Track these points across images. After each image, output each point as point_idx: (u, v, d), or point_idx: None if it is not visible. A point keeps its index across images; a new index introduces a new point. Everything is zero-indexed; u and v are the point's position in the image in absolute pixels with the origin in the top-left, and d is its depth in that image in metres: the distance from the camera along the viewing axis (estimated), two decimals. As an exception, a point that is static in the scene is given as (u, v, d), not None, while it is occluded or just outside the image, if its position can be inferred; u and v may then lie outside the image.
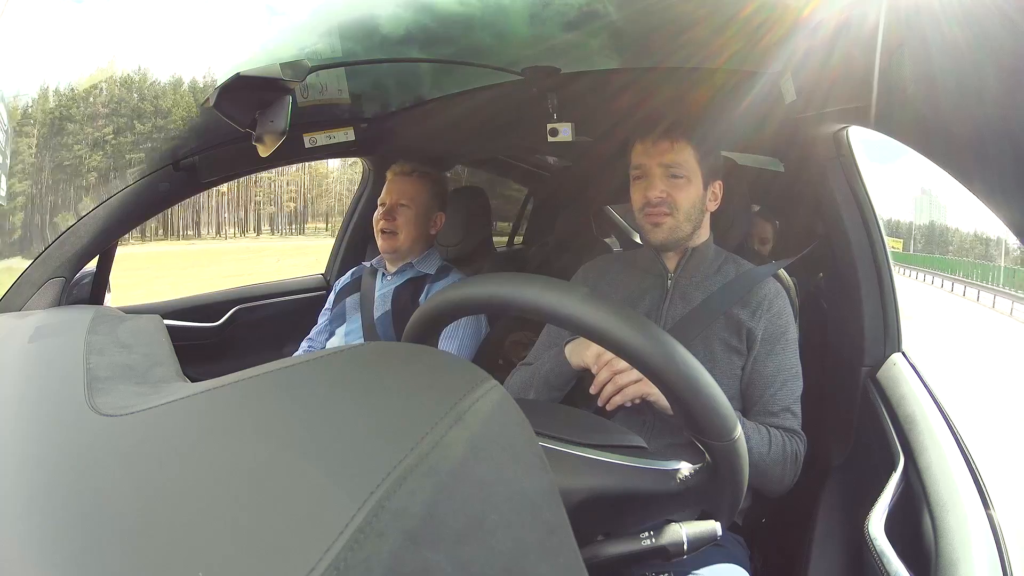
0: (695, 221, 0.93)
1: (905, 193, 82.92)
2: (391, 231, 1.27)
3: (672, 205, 0.91)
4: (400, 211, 1.27)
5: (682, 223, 0.92)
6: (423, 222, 1.30)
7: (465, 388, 0.31)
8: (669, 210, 0.91)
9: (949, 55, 0.46)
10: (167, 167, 1.08)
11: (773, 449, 0.81)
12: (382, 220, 1.27)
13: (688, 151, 0.91)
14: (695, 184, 0.91)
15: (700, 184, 0.92)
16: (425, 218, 1.30)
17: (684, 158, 0.91)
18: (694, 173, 0.91)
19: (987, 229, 47.63)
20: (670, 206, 0.91)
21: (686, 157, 0.91)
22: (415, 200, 1.28)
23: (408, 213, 1.27)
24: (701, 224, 0.94)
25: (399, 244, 1.28)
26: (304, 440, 0.31)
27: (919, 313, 16.40)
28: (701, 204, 0.93)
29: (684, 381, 0.47)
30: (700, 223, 0.94)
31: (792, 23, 0.76)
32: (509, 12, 1.06)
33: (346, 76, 1.21)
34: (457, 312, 0.56)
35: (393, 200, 1.28)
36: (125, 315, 0.83)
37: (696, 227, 0.93)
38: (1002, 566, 0.56)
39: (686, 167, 0.91)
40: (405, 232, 1.27)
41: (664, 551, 0.50)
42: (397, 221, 1.27)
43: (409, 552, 0.23)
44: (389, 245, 1.28)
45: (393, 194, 1.28)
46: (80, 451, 0.40)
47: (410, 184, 1.29)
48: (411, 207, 1.28)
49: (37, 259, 1.00)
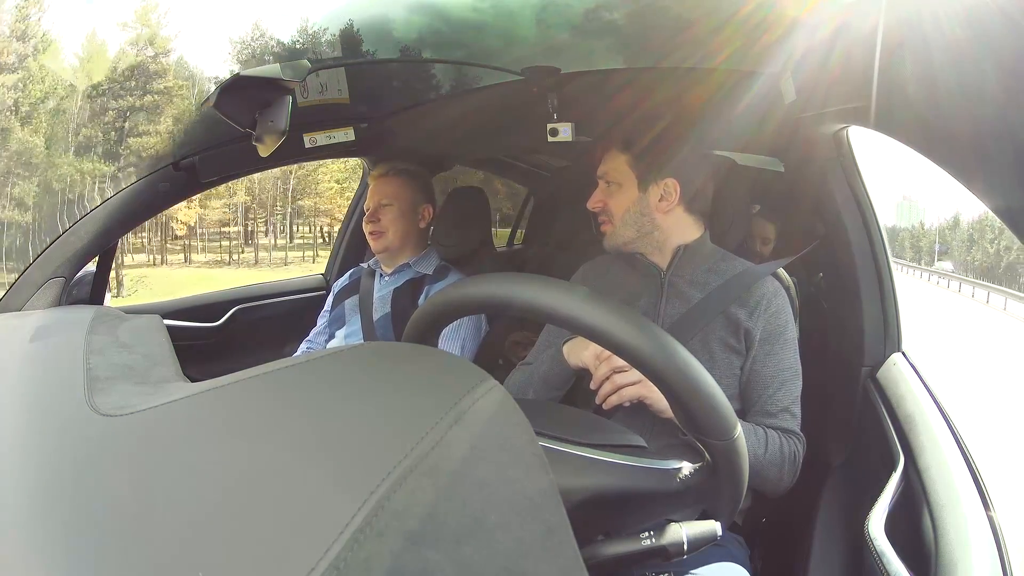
0: (637, 225, 0.93)
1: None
2: (378, 231, 1.29)
3: (608, 213, 0.95)
4: (383, 211, 1.29)
5: (619, 229, 0.94)
6: (409, 217, 1.31)
7: (465, 388, 0.31)
8: (607, 218, 0.95)
9: (949, 55, 0.46)
10: (167, 167, 1.08)
11: (770, 450, 0.81)
12: (368, 223, 1.29)
13: (619, 158, 0.94)
14: (627, 189, 0.93)
15: (634, 189, 0.93)
16: (411, 213, 1.31)
17: (613, 165, 0.94)
18: (626, 178, 0.93)
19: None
20: (607, 214, 0.95)
21: (616, 164, 0.94)
22: (397, 197, 1.30)
23: (392, 211, 1.29)
24: (661, 225, 0.93)
25: (389, 243, 1.29)
26: (304, 440, 0.31)
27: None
28: (640, 208, 0.93)
29: (684, 381, 0.47)
30: (651, 225, 0.93)
31: (792, 22, 0.75)
32: (517, 16, 1.08)
33: (346, 76, 1.21)
34: (457, 312, 0.56)
35: (375, 202, 1.30)
36: (125, 315, 0.83)
37: (646, 230, 0.93)
38: (1002, 566, 0.56)
39: (616, 174, 0.94)
40: (392, 230, 1.29)
41: (664, 551, 0.50)
42: (382, 221, 1.29)
43: (409, 552, 0.23)
44: (380, 245, 1.30)
45: (375, 196, 1.30)
46: (80, 451, 0.40)
47: (389, 183, 1.31)
48: (394, 204, 1.29)
49: (37, 259, 1.00)
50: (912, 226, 59.24)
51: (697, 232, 0.95)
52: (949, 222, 50.81)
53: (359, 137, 1.29)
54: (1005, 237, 36.28)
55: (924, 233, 54.53)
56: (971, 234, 43.59)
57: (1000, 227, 17.66)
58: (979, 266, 39.53)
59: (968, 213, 47.91)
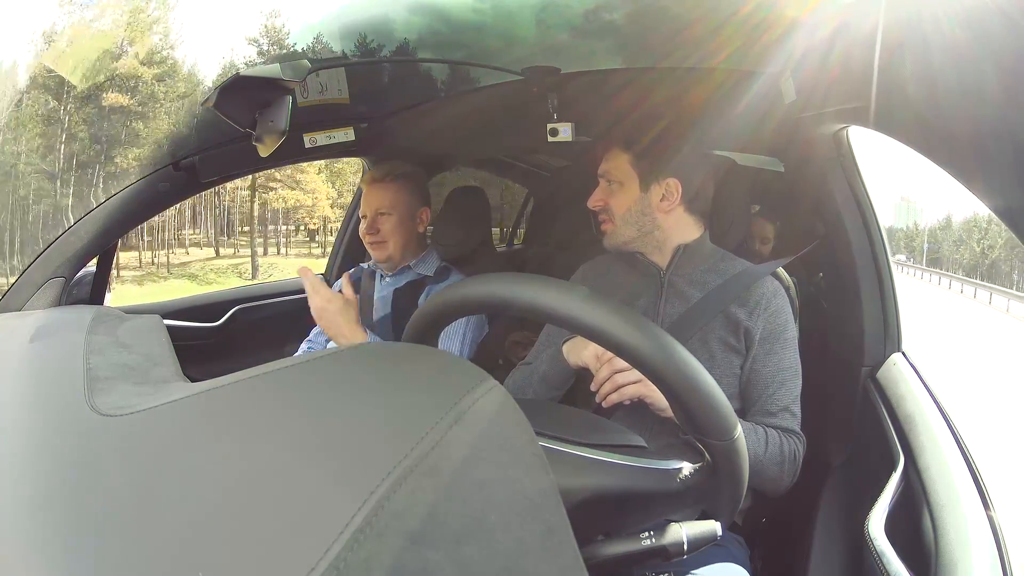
0: (638, 224, 0.93)
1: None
2: (379, 241, 1.25)
3: (609, 212, 0.95)
4: (382, 220, 1.25)
5: (620, 228, 0.94)
6: (409, 225, 1.28)
7: (465, 388, 0.31)
8: (607, 217, 0.95)
9: (949, 55, 0.46)
10: (167, 167, 1.08)
11: (770, 449, 0.81)
12: (367, 234, 1.25)
13: (621, 157, 0.94)
14: (629, 188, 0.93)
15: (635, 188, 0.93)
16: (410, 220, 1.28)
17: (615, 164, 0.94)
18: (628, 177, 0.93)
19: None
20: (607, 213, 0.95)
21: (618, 163, 0.94)
22: (396, 206, 1.26)
23: (391, 220, 1.25)
24: (662, 225, 0.93)
25: (390, 252, 1.26)
26: (304, 440, 0.31)
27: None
28: (641, 207, 0.93)
29: (684, 381, 0.47)
30: (652, 224, 0.93)
31: (792, 22, 0.75)
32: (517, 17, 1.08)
33: (346, 76, 1.21)
34: (457, 312, 0.56)
35: (373, 210, 1.25)
36: (125, 315, 0.82)
37: (647, 229, 0.93)
38: (1002, 566, 0.56)
39: (617, 172, 0.94)
40: (393, 239, 1.25)
41: (664, 551, 0.50)
42: (382, 231, 1.25)
43: (409, 552, 0.23)
44: (381, 254, 1.26)
45: (372, 204, 1.25)
46: (80, 451, 0.40)
47: (386, 191, 1.26)
48: (393, 213, 1.25)
49: (37, 259, 1.00)
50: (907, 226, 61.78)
51: (697, 232, 0.95)
52: (942, 223, 53.47)
53: (359, 137, 1.29)
54: (989, 237, 39.58)
55: (917, 233, 57.31)
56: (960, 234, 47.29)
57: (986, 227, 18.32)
58: (967, 263, 43.18)
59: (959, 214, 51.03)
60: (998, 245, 38.95)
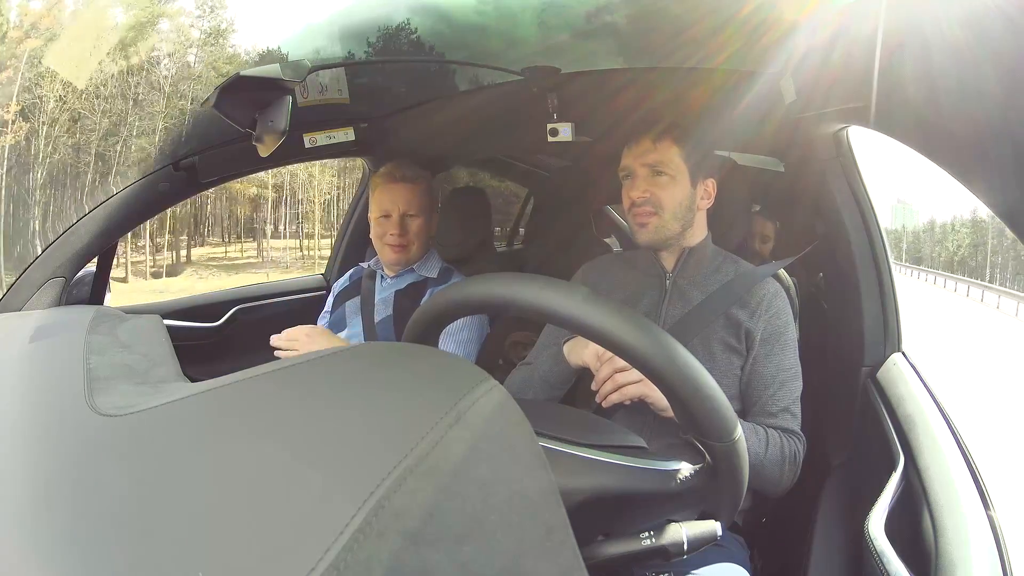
0: (683, 220, 0.92)
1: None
2: (403, 244, 1.20)
3: (656, 204, 0.90)
4: (410, 222, 1.20)
5: (668, 222, 0.91)
6: (428, 229, 1.25)
7: (465, 388, 0.31)
8: (654, 209, 0.91)
9: (949, 55, 0.46)
10: (167, 167, 1.08)
11: (770, 450, 0.81)
12: (396, 235, 1.18)
13: (672, 150, 0.91)
14: (680, 183, 0.91)
15: (687, 182, 0.91)
16: (431, 223, 1.26)
17: (667, 157, 0.91)
18: (679, 171, 0.91)
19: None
20: (654, 205, 0.91)
21: (670, 156, 0.91)
22: (423, 209, 1.21)
23: (418, 223, 1.21)
24: (693, 223, 0.93)
25: (411, 256, 1.23)
26: (304, 440, 0.31)
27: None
28: (689, 202, 0.92)
29: (684, 381, 0.47)
30: (691, 222, 0.93)
31: (792, 23, 0.76)
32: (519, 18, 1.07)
33: (346, 76, 1.21)
34: (458, 312, 0.56)
35: (400, 211, 1.18)
36: (125, 315, 0.83)
37: (686, 226, 0.93)
38: (1002, 566, 0.56)
39: (670, 166, 0.90)
40: (418, 242, 1.22)
41: (664, 551, 0.50)
42: (409, 234, 1.20)
43: (409, 552, 0.23)
44: (401, 257, 1.22)
45: (399, 204, 1.18)
46: (80, 451, 0.40)
47: (413, 192, 1.21)
48: (419, 216, 1.21)
49: (37, 259, 1.00)
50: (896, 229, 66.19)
51: (702, 235, 0.96)
52: (925, 225, 59.72)
53: (359, 137, 1.30)
54: (959, 236, 47.57)
55: (903, 234, 63.16)
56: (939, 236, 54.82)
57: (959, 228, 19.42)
58: (942, 260, 50.45)
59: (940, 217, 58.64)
60: (964, 244, 46.63)
